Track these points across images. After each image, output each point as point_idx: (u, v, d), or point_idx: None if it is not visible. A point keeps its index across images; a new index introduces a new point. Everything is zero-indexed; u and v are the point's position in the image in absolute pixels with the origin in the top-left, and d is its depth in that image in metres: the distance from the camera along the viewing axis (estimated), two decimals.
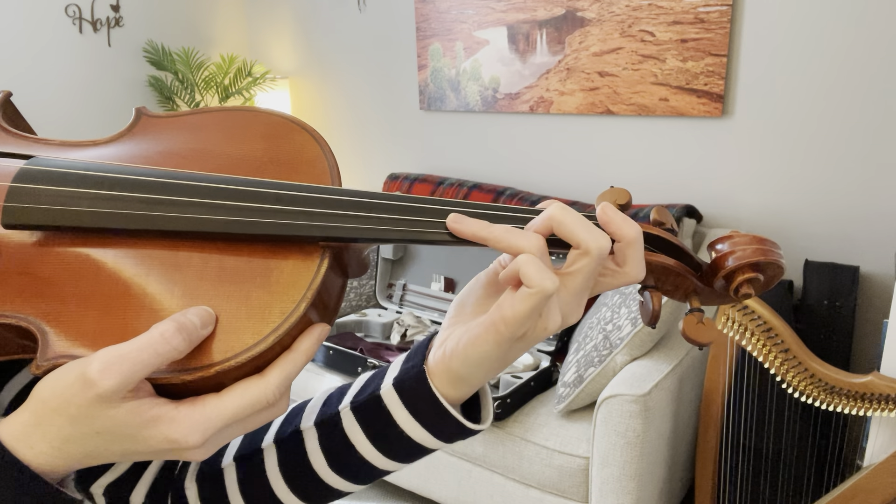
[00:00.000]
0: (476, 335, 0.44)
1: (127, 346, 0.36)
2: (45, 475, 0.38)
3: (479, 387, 0.49)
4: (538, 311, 0.40)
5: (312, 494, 0.55)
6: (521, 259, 0.40)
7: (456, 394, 0.48)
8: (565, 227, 0.42)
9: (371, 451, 0.52)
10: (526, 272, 0.39)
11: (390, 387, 0.50)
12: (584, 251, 0.41)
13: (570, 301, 0.43)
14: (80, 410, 0.36)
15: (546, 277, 0.39)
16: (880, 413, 1.41)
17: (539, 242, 0.41)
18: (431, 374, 0.48)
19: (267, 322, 0.39)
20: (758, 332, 1.51)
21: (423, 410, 0.49)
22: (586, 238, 0.41)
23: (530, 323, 0.41)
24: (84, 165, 0.43)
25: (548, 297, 0.39)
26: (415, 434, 0.50)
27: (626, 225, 0.43)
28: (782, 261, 0.48)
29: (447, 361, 0.47)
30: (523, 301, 0.40)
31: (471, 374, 0.46)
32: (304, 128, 0.49)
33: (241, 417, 0.39)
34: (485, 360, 0.44)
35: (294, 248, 0.42)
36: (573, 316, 0.44)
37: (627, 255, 0.44)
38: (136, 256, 0.41)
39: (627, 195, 0.48)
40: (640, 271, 0.44)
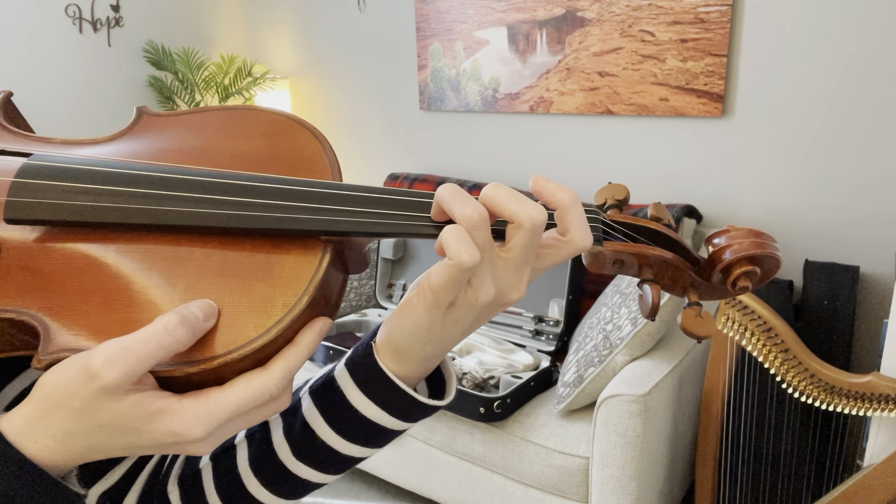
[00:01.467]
0: (408, 302, 0.44)
1: (130, 339, 0.36)
2: (49, 469, 0.38)
3: (426, 361, 0.48)
4: (460, 281, 0.40)
5: (283, 487, 0.54)
6: (445, 229, 0.39)
7: (402, 368, 0.48)
8: (496, 203, 0.41)
9: (330, 434, 0.51)
10: (445, 241, 0.39)
11: (342, 366, 0.51)
12: (518, 224, 0.41)
13: (509, 276, 0.42)
14: (83, 403, 0.36)
15: (463, 251, 0.38)
16: (880, 413, 1.41)
17: (472, 212, 0.39)
18: (378, 349, 0.48)
19: (269, 315, 0.39)
20: (758, 332, 1.51)
21: (371, 385, 0.49)
22: (516, 209, 0.40)
23: (453, 291, 0.41)
24: (85, 161, 0.43)
25: (465, 270, 0.39)
26: (369, 412, 0.49)
27: (559, 191, 0.43)
28: (778, 254, 0.48)
29: (388, 334, 0.47)
30: (443, 270, 0.40)
31: (408, 345, 0.46)
32: (305, 125, 0.49)
33: (245, 410, 0.39)
34: (418, 328, 0.44)
35: (296, 243, 0.42)
36: (513, 291, 0.43)
37: (567, 221, 0.43)
38: (138, 251, 0.42)
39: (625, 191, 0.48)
40: (584, 237, 0.43)
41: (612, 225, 0.49)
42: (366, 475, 2.38)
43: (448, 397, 0.51)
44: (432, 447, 2.02)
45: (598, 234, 0.47)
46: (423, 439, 2.03)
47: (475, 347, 2.17)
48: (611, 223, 0.49)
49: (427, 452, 2.04)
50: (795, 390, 1.49)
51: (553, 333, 2.22)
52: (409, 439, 2.07)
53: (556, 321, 2.22)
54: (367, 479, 2.36)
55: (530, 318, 2.28)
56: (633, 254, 0.48)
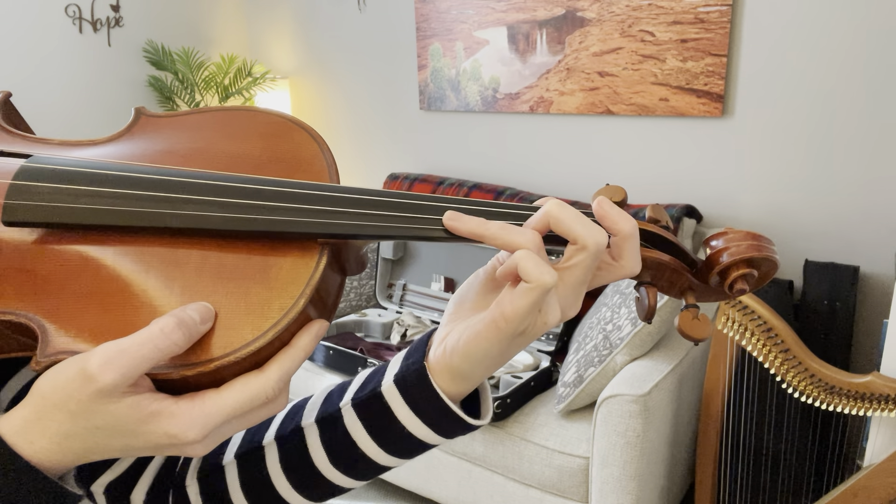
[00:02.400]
0: (477, 332, 0.44)
1: (127, 341, 0.36)
2: (46, 470, 0.38)
3: (480, 382, 0.49)
4: (538, 305, 0.41)
5: (314, 491, 0.55)
6: (518, 255, 0.40)
7: (456, 390, 0.48)
8: (563, 223, 0.42)
9: (373, 447, 0.52)
10: (524, 267, 0.40)
11: (391, 383, 0.51)
12: (582, 246, 0.42)
13: (569, 295, 0.43)
14: (80, 406, 0.36)
15: (544, 272, 0.39)
16: (880, 413, 1.41)
17: (535, 238, 0.41)
18: (432, 370, 0.48)
19: (266, 318, 0.39)
20: (758, 332, 1.51)
21: (424, 407, 0.49)
22: (584, 233, 0.41)
23: (531, 318, 0.41)
24: (84, 163, 0.43)
25: (547, 292, 0.40)
26: (416, 430, 0.50)
27: (622, 219, 0.44)
28: (776, 256, 0.48)
29: (448, 358, 0.47)
30: (523, 296, 0.40)
31: (472, 371, 0.46)
32: (303, 127, 0.49)
33: (241, 413, 0.39)
34: (486, 356, 0.45)
35: (293, 245, 0.42)
36: (572, 310, 0.44)
37: (623, 249, 0.44)
38: (135, 253, 0.42)
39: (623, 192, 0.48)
40: (635, 265, 0.45)
41: None
42: None
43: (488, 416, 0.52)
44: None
45: None
46: None
47: None
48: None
49: (427, 452, 2.04)
50: (795, 390, 1.49)
51: (553, 333, 2.22)
52: None
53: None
54: None
55: None
56: None
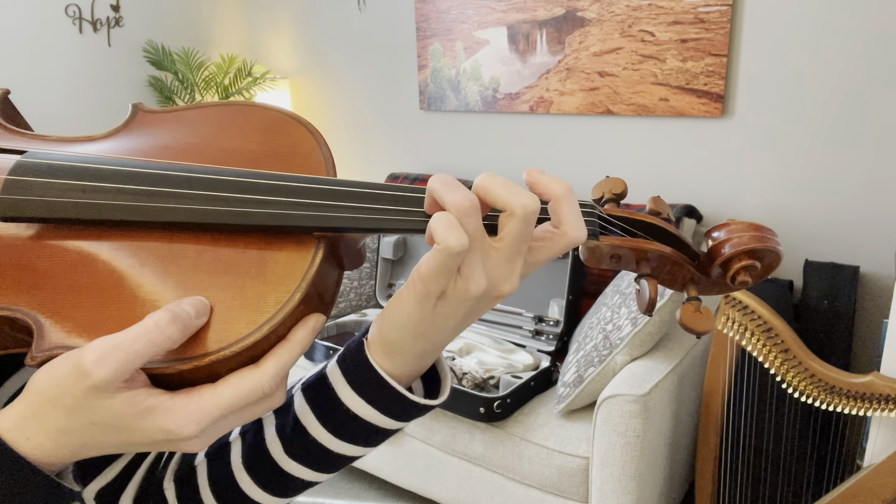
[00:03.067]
0: (397, 295, 0.44)
1: (121, 336, 0.36)
2: (43, 467, 0.37)
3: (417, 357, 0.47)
4: (449, 268, 0.39)
5: (275, 485, 0.54)
6: (434, 216, 0.39)
7: (394, 365, 0.47)
8: (489, 192, 0.41)
9: (322, 432, 0.50)
10: (431, 227, 0.39)
11: (334, 363, 0.50)
12: (510, 212, 0.40)
13: (501, 265, 0.41)
14: (75, 401, 0.36)
15: (451, 235, 0.38)
16: (880, 413, 1.40)
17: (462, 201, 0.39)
18: (370, 346, 0.48)
19: (262, 312, 0.39)
20: (758, 332, 1.51)
21: (363, 383, 0.48)
22: (508, 198, 0.40)
23: (443, 279, 0.40)
24: (80, 158, 0.43)
25: (454, 255, 0.38)
26: (360, 411, 0.48)
27: (553, 183, 0.42)
28: (779, 248, 0.48)
29: (378, 329, 0.46)
30: (433, 256, 0.39)
31: (399, 340, 0.45)
32: (300, 121, 0.49)
33: (237, 408, 0.39)
34: (409, 320, 0.43)
35: (289, 239, 0.42)
36: (505, 283, 0.42)
37: (560, 213, 0.42)
38: (131, 248, 0.41)
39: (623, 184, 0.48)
40: (578, 230, 0.42)
41: (609, 219, 0.49)
42: (366, 475, 2.38)
43: (442, 396, 0.50)
44: (432, 447, 2.02)
45: (594, 228, 0.46)
46: (423, 439, 2.03)
47: (475, 347, 2.17)
48: (607, 217, 0.49)
49: (427, 452, 2.04)
50: (795, 390, 1.48)
51: (553, 333, 2.22)
52: (409, 439, 2.07)
53: (556, 321, 2.22)
54: (367, 479, 2.36)
55: (530, 318, 2.28)
56: (631, 248, 0.48)
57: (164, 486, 0.58)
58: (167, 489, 0.58)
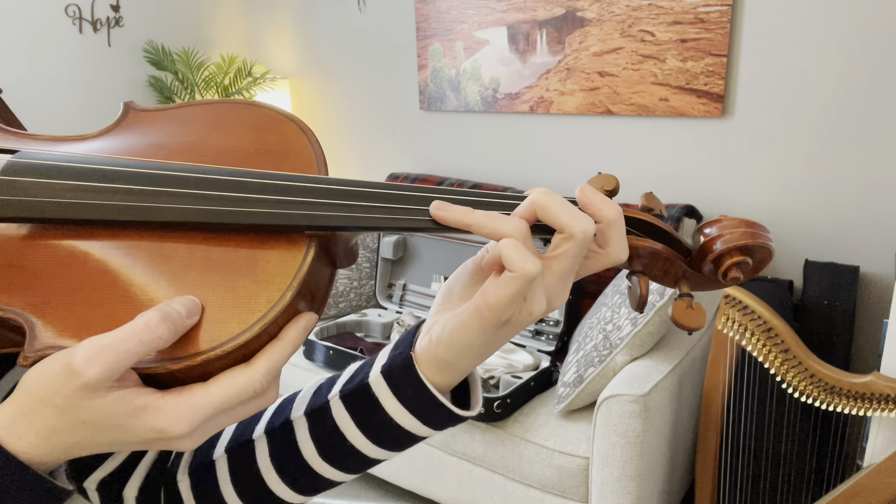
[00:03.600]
0: (461, 321, 0.44)
1: (112, 336, 0.36)
2: (35, 466, 0.37)
3: (467, 373, 0.49)
4: (522, 294, 0.40)
5: (303, 484, 0.55)
6: (503, 243, 0.40)
7: (443, 380, 0.48)
8: (549, 212, 0.41)
9: (361, 439, 0.51)
10: (508, 256, 0.39)
11: (378, 374, 0.50)
12: (569, 235, 0.41)
13: (556, 285, 0.43)
14: (66, 401, 0.36)
15: (528, 261, 0.39)
16: (880, 413, 1.40)
17: (521, 226, 0.41)
18: (419, 360, 0.48)
19: (253, 311, 0.39)
20: (758, 332, 1.51)
21: (411, 398, 0.48)
22: (570, 222, 0.41)
23: (514, 307, 0.41)
24: (71, 158, 0.43)
25: (530, 281, 0.39)
26: (403, 421, 0.49)
27: (605, 206, 0.43)
28: (771, 244, 0.48)
29: (433, 348, 0.47)
30: (507, 285, 0.40)
31: (457, 361, 0.46)
32: (291, 119, 0.49)
33: (229, 406, 0.39)
34: (470, 345, 0.44)
35: (280, 238, 0.42)
36: (558, 299, 0.43)
37: (609, 235, 0.44)
38: (122, 248, 0.41)
39: (615, 181, 0.48)
40: (622, 251, 0.44)
41: None
42: (366, 475, 2.38)
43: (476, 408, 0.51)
44: (432, 447, 2.02)
45: None
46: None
47: None
48: None
49: (427, 452, 2.04)
50: (795, 390, 1.48)
51: (553, 333, 2.22)
52: None
53: (556, 321, 2.22)
54: (367, 479, 2.36)
55: None
56: None
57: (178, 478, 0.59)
58: (181, 481, 0.59)
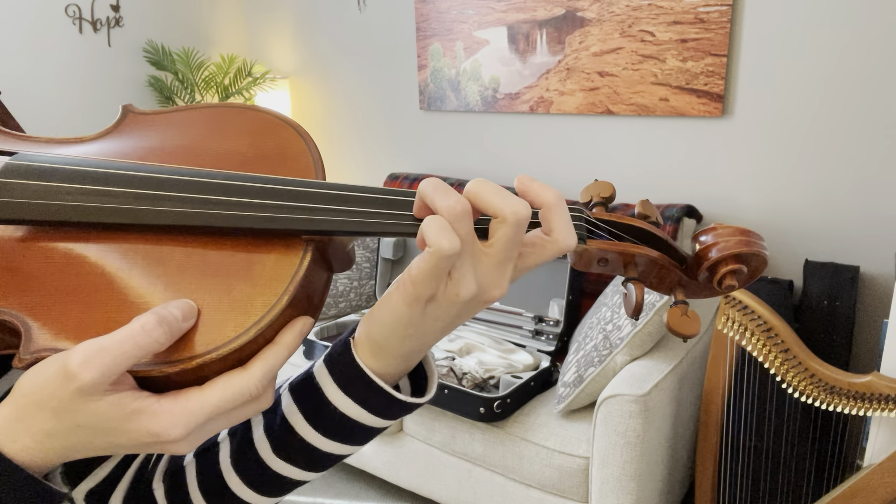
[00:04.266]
0: (388, 295, 0.44)
1: (108, 339, 0.36)
2: (30, 469, 0.37)
3: (403, 357, 0.47)
4: (441, 270, 0.40)
5: (263, 484, 0.54)
6: (426, 219, 0.39)
7: (379, 364, 0.47)
8: (480, 198, 0.41)
9: (310, 431, 0.51)
10: (423, 230, 0.39)
11: (321, 363, 0.50)
12: (501, 218, 0.40)
13: (491, 272, 0.42)
14: (61, 404, 0.36)
15: (444, 238, 0.38)
16: (880, 413, 1.40)
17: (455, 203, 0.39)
18: (356, 345, 0.48)
19: (249, 315, 0.39)
20: (758, 332, 1.51)
21: (349, 382, 0.48)
22: (500, 205, 0.40)
23: (435, 283, 0.40)
24: (68, 161, 0.43)
25: (446, 258, 0.39)
26: (347, 410, 0.49)
27: (543, 190, 0.43)
28: (765, 252, 0.48)
29: (366, 329, 0.47)
30: (425, 260, 0.39)
31: (387, 340, 0.45)
32: (289, 123, 0.49)
33: (224, 410, 0.39)
34: (397, 322, 0.44)
35: (277, 242, 0.42)
36: (495, 288, 0.42)
37: (551, 220, 0.43)
38: (119, 250, 0.41)
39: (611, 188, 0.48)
40: (568, 237, 0.43)
41: (597, 223, 0.49)
42: (366, 475, 2.38)
43: (428, 394, 0.50)
44: (432, 447, 2.02)
45: (581, 232, 0.47)
46: (423, 439, 2.03)
47: (475, 347, 2.17)
48: (595, 221, 0.49)
49: (427, 452, 2.04)
50: (795, 390, 1.48)
51: (553, 333, 2.22)
52: (409, 439, 2.07)
53: (556, 321, 2.22)
54: (367, 479, 2.36)
55: (530, 318, 2.28)
56: (618, 252, 0.48)
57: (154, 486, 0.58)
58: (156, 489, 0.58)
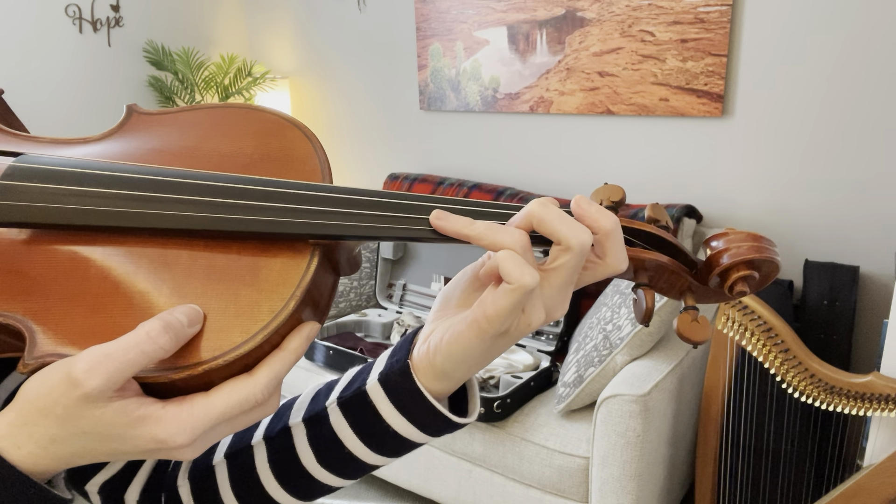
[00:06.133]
0: (459, 332, 0.43)
1: (113, 346, 0.36)
2: (33, 475, 0.37)
3: (464, 381, 0.49)
4: (519, 306, 0.40)
5: (302, 490, 0.55)
6: (500, 255, 0.39)
7: (440, 388, 0.48)
8: (545, 224, 0.41)
9: (358, 446, 0.51)
10: (505, 268, 0.39)
11: (375, 382, 0.50)
12: (566, 247, 0.41)
13: (554, 296, 0.42)
14: (66, 410, 0.36)
15: (526, 273, 0.39)
16: (880, 413, 1.40)
17: (520, 238, 0.40)
18: (416, 368, 0.48)
19: (256, 320, 0.39)
20: (758, 332, 1.51)
21: (408, 405, 0.49)
22: (567, 234, 0.41)
23: (512, 319, 0.41)
24: (73, 163, 0.43)
25: (528, 293, 0.39)
26: (401, 428, 0.49)
27: (601, 217, 0.43)
28: (777, 258, 0.47)
29: (431, 357, 0.47)
30: (504, 297, 0.39)
31: (454, 370, 0.46)
32: (296, 125, 0.49)
33: (230, 417, 0.38)
34: (468, 356, 0.44)
35: (283, 246, 0.41)
36: (558, 311, 0.43)
37: (606, 246, 0.43)
38: (124, 254, 0.41)
39: (621, 192, 0.47)
40: (620, 261, 0.44)
41: None
42: (366, 475, 2.38)
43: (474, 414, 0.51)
44: (432, 447, 2.02)
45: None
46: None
47: None
48: None
49: (427, 452, 2.04)
50: (795, 390, 1.48)
51: (553, 333, 2.22)
52: None
53: (556, 321, 2.22)
54: (367, 479, 2.36)
55: None
56: (629, 257, 0.47)
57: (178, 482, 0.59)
58: (181, 486, 0.59)
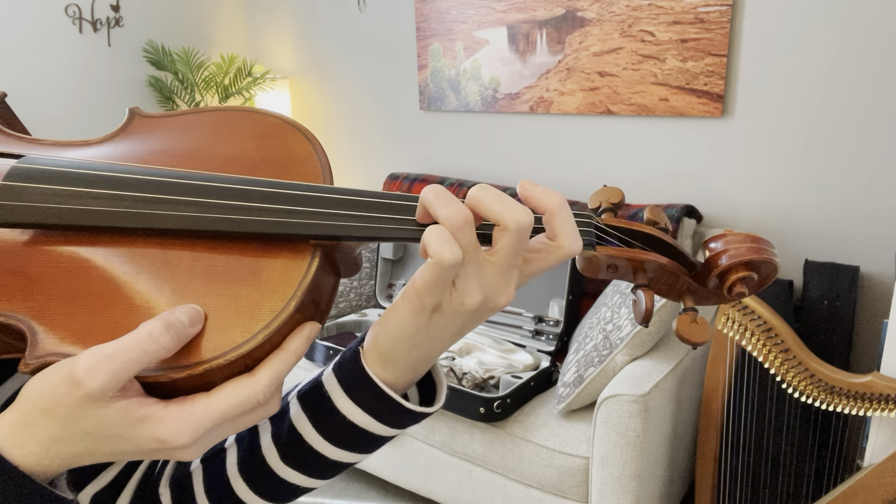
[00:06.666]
0: (393, 306, 0.44)
1: (114, 346, 0.36)
2: (35, 475, 0.37)
3: (410, 366, 0.47)
4: (444, 280, 0.40)
5: (270, 491, 0.54)
6: (427, 229, 0.39)
7: (388, 374, 0.47)
8: (482, 205, 0.41)
9: (318, 440, 0.51)
10: (427, 241, 0.39)
11: (330, 372, 0.50)
12: (503, 226, 0.40)
13: (496, 280, 0.41)
14: (68, 411, 0.36)
15: (445, 248, 0.38)
16: (880, 413, 1.40)
17: (455, 214, 0.39)
18: (365, 354, 0.48)
19: (257, 320, 0.39)
20: (758, 332, 1.51)
21: (359, 392, 0.48)
22: (501, 211, 0.40)
23: (439, 293, 0.40)
24: (75, 164, 0.43)
25: (449, 268, 0.39)
26: (357, 419, 0.49)
27: (546, 195, 0.42)
28: (776, 259, 0.47)
29: (374, 339, 0.47)
30: (426, 270, 0.39)
31: (394, 350, 0.46)
32: (297, 127, 0.49)
33: (231, 417, 0.38)
34: (404, 332, 0.44)
35: (285, 247, 0.42)
36: (501, 295, 0.42)
37: (556, 225, 0.42)
38: (126, 255, 0.41)
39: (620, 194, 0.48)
40: (573, 242, 0.42)
41: (606, 229, 0.48)
42: (366, 475, 2.38)
43: (437, 404, 0.50)
44: (432, 447, 2.02)
45: (590, 238, 0.46)
46: (423, 439, 2.03)
47: (475, 347, 2.17)
48: (604, 227, 0.48)
49: (427, 452, 2.04)
50: (795, 390, 1.48)
51: (553, 333, 2.22)
52: (409, 439, 2.07)
53: (556, 321, 2.22)
54: (367, 479, 2.36)
55: (530, 318, 2.28)
56: (628, 259, 0.47)
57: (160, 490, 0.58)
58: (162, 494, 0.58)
